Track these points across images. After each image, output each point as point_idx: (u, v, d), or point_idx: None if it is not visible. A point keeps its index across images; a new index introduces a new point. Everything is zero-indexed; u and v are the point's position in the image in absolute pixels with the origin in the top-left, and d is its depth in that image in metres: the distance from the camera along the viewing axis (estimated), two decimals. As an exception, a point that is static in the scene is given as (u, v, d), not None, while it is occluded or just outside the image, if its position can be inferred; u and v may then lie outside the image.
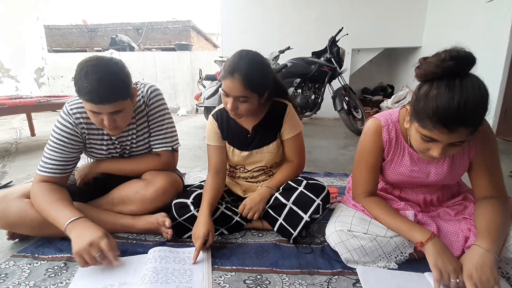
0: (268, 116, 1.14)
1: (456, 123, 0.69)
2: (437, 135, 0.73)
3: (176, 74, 6.68)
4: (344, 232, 0.91)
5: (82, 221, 0.90)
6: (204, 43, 11.38)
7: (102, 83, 0.88)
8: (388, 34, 4.62)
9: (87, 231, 0.87)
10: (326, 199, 1.04)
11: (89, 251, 0.83)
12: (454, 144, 0.74)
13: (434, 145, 0.76)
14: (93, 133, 1.09)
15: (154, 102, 1.13)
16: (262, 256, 0.98)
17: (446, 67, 0.69)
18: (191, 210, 1.05)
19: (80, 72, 0.89)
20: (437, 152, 0.75)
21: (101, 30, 9.72)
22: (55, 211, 0.92)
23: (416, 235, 0.84)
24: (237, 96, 0.98)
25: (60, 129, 1.03)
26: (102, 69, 0.90)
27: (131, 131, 1.13)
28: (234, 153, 1.18)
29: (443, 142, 0.73)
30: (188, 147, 2.81)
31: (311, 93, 3.53)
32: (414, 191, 1.03)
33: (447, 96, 0.68)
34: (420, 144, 0.80)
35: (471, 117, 0.69)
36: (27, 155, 2.49)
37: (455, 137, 0.71)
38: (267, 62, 1.05)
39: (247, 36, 4.92)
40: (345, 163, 2.20)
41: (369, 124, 0.98)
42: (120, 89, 0.93)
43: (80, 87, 0.89)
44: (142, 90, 1.13)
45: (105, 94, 0.90)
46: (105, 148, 1.14)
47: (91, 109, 0.93)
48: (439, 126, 0.70)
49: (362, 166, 0.99)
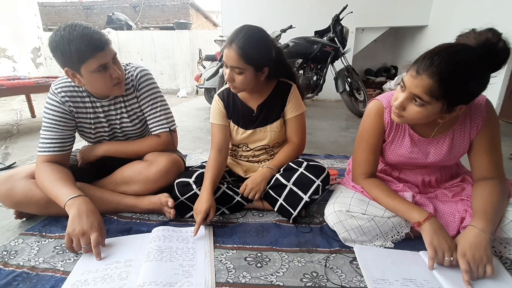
0: (272, 95, 1.15)
1: (424, 67, 0.72)
2: (407, 78, 0.77)
3: (175, 54, 6.54)
4: (343, 212, 0.93)
5: (82, 200, 0.90)
6: (204, 21, 11.04)
7: (89, 31, 0.91)
8: (394, 13, 4.45)
9: (85, 217, 0.86)
10: (326, 180, 1.05)
11: (79, 238, 0.85)
12: (415, 101, 0.77)
13: (401, 94, 0.80)
14: (81, 111, 1.10)
15: (144, 86, 1.13)
16: (263, 235, 1.01)
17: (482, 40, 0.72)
18: (193, 189, 1.07)
19: (63, 42, 0.90)
20: (398, 100, 0.79)
21: (97, 8, 9.40)
22: (57, 189, 0.94)
23: (414, 215, 0.86)
24: (233, 67, 1.00)
25: (49, 109, 1.05)
26: (78, 25, 0.92)
27: (119, 110, 1.14)
28: (238, 132, 1.19)
29: (407, 88, 0.76)
30: (188, 129, 2.81)
31: (313, 74, 3.46)
32: (413, 172, 1.04)
33: (438, 47, 0.73)
34: (395, 93, 0.84)
35: (441, 71, 0.70)
36: (29, 136, 2.50)
37: (416, 85, 0.74)
38: (269, 39, 1.05)
39: (248, 15, 4.76)
40: (345, 145, 2.20)
41: (371, 106, 0.97)
42: (103, 33, 0.97)
43: (78, 48, 0.90)
44: (132, 73, 1.13)
45: (101, 38, 0.94)
46: (93, 127, 1.14)
47: (101, 62, 0.95)
48: (412, 67, 0.75)
49: (363, 147, 0.99)
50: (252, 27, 1.02)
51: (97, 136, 1.18)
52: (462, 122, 0.88)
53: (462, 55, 0.70)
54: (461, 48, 0.72)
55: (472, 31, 0.75)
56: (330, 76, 3.42)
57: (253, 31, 1.00)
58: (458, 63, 0.70)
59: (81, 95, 1.09)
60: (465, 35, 0.77)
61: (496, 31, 0.73)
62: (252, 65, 1.00)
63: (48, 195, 0.96)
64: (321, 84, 3.45)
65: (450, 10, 3.84)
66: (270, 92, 1.15)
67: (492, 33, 0.72)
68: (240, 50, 0.96)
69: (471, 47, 0.72)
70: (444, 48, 0.72)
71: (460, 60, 0.70)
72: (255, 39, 0.99)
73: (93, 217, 0.88)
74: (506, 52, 0.72)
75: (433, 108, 0.75)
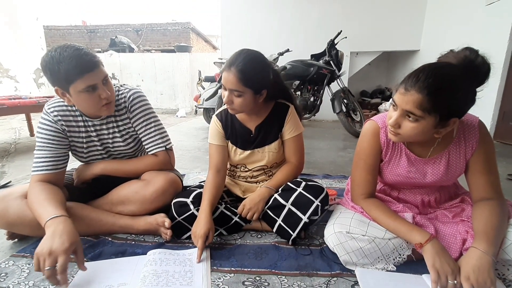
0: (270, 116, 1.17)
1: (411, 83, 0.75)
2: (397, 96, 0.79)
3: (175, 75, 6.69)
4: (343, 233, 0.92)
5: (62, 220, 0.85)
6: (204, 45, 11.40)
7: (79, 53, 0.93)
8: (387, 38, 4.65)
9: (57, 236, 0.79)
10: (325, 200, 1.04)
11: (45, 259, 0.76)
12: (408, 117, 0.79)
13: (394, 113, 0.82)
14: (73, 130, 1.11)
15: (136, 108, 1.14)
16: (261, 257, 0.98)
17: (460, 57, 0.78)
18: (191, 209, 1.06)
19: (52, 62, 0.92)
20: (393, 119, 0.81)
21: (101, 31, 9.72)
22: (41, 209, 0.90)
23: (415, 237, 0.84)
24: (232, 90, 1.02)
25: (42, 128, 1.06)
26: (69, 46, 0.94)
27: (112, 129, 1.14)
28: (236, 152, 1.19)
29: (399, 106, 0.79)
30: (187, 148, 2.81)
31: (310, 95, 3.54)
32: (412, 192, 1.04)
33: (422, 66, 0.77)
34: (388, 113, 0.86)
35: (427, 84, 0.73)
36: (26, 155, 2.48)
37: (406, 101, 0.76)
38: (267, 62, 1.07)
39: (246, 38, 4.93)
40: (343, 165, 2.21)
41: (366, 126, 0.99)
42: (96, 55, 0.99)
43: (66, 68, 0.91)
44: (125, 95, 1.14)
45: (90, 59, 0.95)
46: (85, 146, 1.14)
47: (88, 83, 0.95)
48: (400, 85, 0.78)
49: (361, 167, 1.00)
50: (251, 51, 1.04)
51: (89, 155, 1.17)
52: (457, 142, 0.90)
53: (446, 69, 0.75)
54: (444, 65, 0.76)
55: (451, 52, 0.81)
56: (326, 97, 3.49)
57: (251, 55, 1.03)
58: (443, 75, 0.74)
59: (74, 115, 1.10)
60: (444, 56, 0.82)
61: (472, 49, 0.78)
62: (251, 88, 1.02)
63: (34, 215, 0.92)
64: (318, 105, 3.51)
65: (440, 36, 4.02)
66: (268, 113, 1.17)
67: (469, 51, 0.77)
68: (239, 74, 0.98)
69: (452, 64, 0.77)
70: (428, 65, 0.77)
71: (444, 73, 0.74)
72: (254, 62, 1.02)
73: (66, 237, 0.79)
74: (486, 67, 0.76)
75: (427, 122, 0.77)
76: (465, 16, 3.46)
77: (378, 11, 4.56)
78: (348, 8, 4.63)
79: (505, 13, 2.86)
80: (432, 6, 4.27)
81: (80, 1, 14.46)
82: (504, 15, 2.87)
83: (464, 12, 3.48)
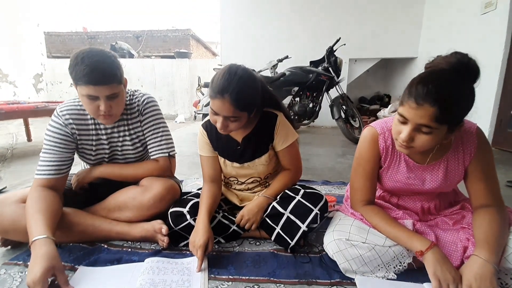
0: (258, 127, 1.11)
1: (423, 97, 0.72)
2: (407, 111, 0.76)
3: (175, 81, 6.71)
4: (343, 241, 0.90)
5: (44, 243, 0.82)
6: (203, 51, 11.49)
7: (98, 65, 0.94)
8: (385, 45, 4.70)
9: (36, 263, 0.77)
10: (324, 208, 1.03)
11: None
12: (421, 131, 0.76)
13: (404, 127, 0.79)
14: (83, 133, 1.11)
15: (148, 112, 1.16)
16: (260, 265, 0.97)
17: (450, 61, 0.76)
18: (188, 219, 1.04)
19: (76, 59, 0.94)
20: (404, 134, 0.78)
21: (101, 37, 9.78)
22: (32, 222, 0.88)
23: (415, 244, 0.83)
24: (228, 116, 0.96)
25: (51, 131, 1.05)
26: (97, 54, 0.96)
27: (122, 132, 1.15)
28: (226, 164, 1.17)
29: (411, 120, 0.76)
30: (185, 154, 2.80)
31: (309, 101, 3.55)
32: (412, 199, 1.03)
33: (424, 75, 0.76)
34: (395, 127, 0.83)
35: (440, 97, 0.71)
36: (23, 161, 2.46)
37: (420, 116, 0.74)
38: (256, 78, 1.01)
39: (246, 45, 4.98)
40: (342, 172, 2.20)
41: (365, 133, 0.98)
42: (115, 72, 0.99)
43: (78, 71, 0.93)
44: (138, 99, 1.16)
45: (103, 75, 0.95)
46: (94, 149, 1.14)
47: (89, 93, 0.96)
48: (409, 99, 0.75)
49: (360, 174, 0.99)
50: (239, 71, 0.95)
51: (97, 158, 1.16)
52: (455, 149, 0.89)
53: (452, 77, 0.74)
54: (448, 72, 0.75)
55: (438, 57, 0.80)
56: (325, 104, 3.51)
57: (243, 78, 0.94)
58: (453, 84, 0.73)
59: (85, 118, 1.10)
60: (434, 62, 0.81)
61: (462, 53, 0.77)
62: (247, 110, 0.98)
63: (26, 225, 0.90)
64: (317, 111, 3.53)
65: (437, 44, 4.07)
66: (254, 124, 1.11)
67: (460, 55, 0.77)
68: (234, 102, 0.92)
69: (453, 71, 0.75)
70: (434, 75, 0.75)
71: (453, 82, 0.73)
72: (246, 86, 0.94)
73: (42, 264, 0.76)
74: (477, 69, 0.76)
75: (440, 132, 0.76)
76: (461, 24, 3.51)
77: (376, 18, 4.63)
78: (347, 15, 4.69)
79: (500, 22, 2.91)
80: (430, 14, 4.34)
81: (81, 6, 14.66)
82: (499, 23, 2.92)
83: (461, 21, 3.53)
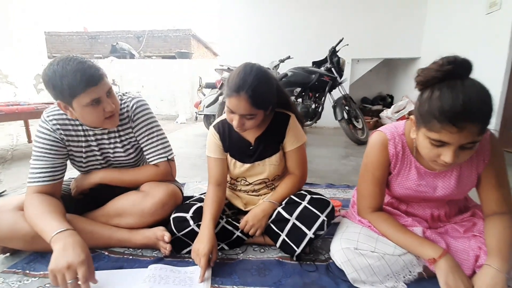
0: (270, 127, 1.12)
1: (464, 119, 0.67)
2: (446, 136, 0.70)
3: (176, 82, 6.68)
4: (351, 250, 0.87)
5: (69, 234, 0.83)
6: (204, 51, 11.46)
7: (84, 65, 0.91)
8: (387, 45, 4.66)
9: (70, 249, 0.79)
10: (331, 215, 1.00)
11: (64, 273, 0.76)
12: (465, 147, 0.72)
13: (444, 149, 0.73)
14: (72, 139, 1.07)
15: (139, 117, 1.11)
16: (265, 274, 0.94)
17: (445, 70, 0.70)
18: (191, 225, 1.01)
19: (55, 74, 0.89)
20: (449, 156, 0.72)
21: (102, 38, 9.77)
22: (44, 222, 0.87)
23: (427, 252, 0.81)
24: (245, 115, 0.97)
25: (40, 137, 1.02)
26: (72, 59, 0.91)
27: (113, 139, 1.11)
28: (235, 166, 1.15)
29: (453, 143, 0.71)
30: (187, 155, 2.78)
31: (312, 102, 3.52)
32: (421, 206, 1.00)
33: (451, 94, 0.69)
34: (429, 151, 0.76)
35: (478, 112, 0.68)
36: (23, 162, 2.44)
37: (464, 137, 0.69)
38: (271, 76, 1.03)
39: (246, 45, 4.94)
40: (346, 174, 2.16)
41: (374, 138, 0.95)
42: (98, 67, 0.96)
43: (70, 82, 0.89)
44: (128, 104, 1.11)
45: (95, 73, 0.93)
46: (84, 155, 1.11)
47: (92, 97, 0.93)
48: (447, 126, 0.69)
49: (368, 180, 0.96)
50: (255, 69, 0.96)
51: (88, 165, 1.13)
52: None
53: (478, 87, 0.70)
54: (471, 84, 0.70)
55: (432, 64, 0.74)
56: (328, 104, 3.48)
57: (259, 76, 0.95)
58: (483, 95, 0.69)
59: (73, 123, 1.06)
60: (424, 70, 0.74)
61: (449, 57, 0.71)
62: (263, 108, 0.99)
63: (35, 229, 0.89)
64: (320, 112, 3.49)
65: (440, 43, 4.03)
66: (267, 124, 1.11)
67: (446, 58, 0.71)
68: (251, 99, 0.93)
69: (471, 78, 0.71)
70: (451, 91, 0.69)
71: (484, 93, 0.69)
72: (262, 83, 0.96)
73: (80, 249, 0.79)
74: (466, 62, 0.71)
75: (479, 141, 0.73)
76: (465, 24, 3.47)
77: (379, 18, 4.58)
78: (349, 15, 4.65)
79: (505, 22, 2.86)
80: (432, 14, 4.30)
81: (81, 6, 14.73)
82: (504, 23, 2.87)
83: (464, 20, 3.49)
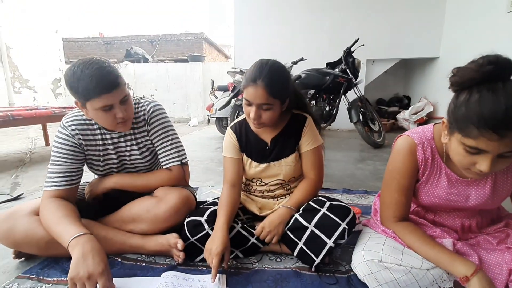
0: (287, 128, 1.11)
1: (506, 126, 0.61)
2: (485, 144, 0.64)
3: (188, 85, 6.76)
4: (375, 262, 0.82)
5: (87, 239, 0.82)
6: (216, 54, 11.55)
7: (101, 71, 0.91)
8: (405, 45, 4.51)
9: (90, 258, 0.78)
10: (351, 223, 0.94)
11: (84, 283, 0.75)
12: (503, 156, 0.65)
13: (481, 157, 0.67)
14: (90, 143, 1.08)
15: (155, 120, 1.12)
16: (282, 286, 0.89)
17: (486, 71, 0.64)
18: (205, 229, 0.98)
19: (74, 74, 0.90)
20: (486, 165, 0.66)
21: (117, 43, 10.01)
22: (61, 227, 0.87)
23: (459, 268, 0.74)
24: (261, 104, 0.97)
25: (59, 142, 1.03)
26: (93, 62, 0.91)
27: (129, 142, 1.12)
28: (251, 165, 1.13)
29: (491, 152, 0.65)
30: (199, 159, 2.76)
31: (326, 104, 3.44)
32: (450, 215, 0.93)
33: (492, 98, 0.62)
34: (464, 158, 0.70)
35: None
36: (41, 165, 2.50)
37: (504, 145, 0.63)
38: (287, 70, 1.04)
39: (260, 48, 4.91)
40: (363, 179, 2.09)
41: (401, 143, 0.89)
42: (118, 74, 0.96)
43: (85, 85, 0.89)
44: (144, 107, 1.12)
45: (111, 80, 0.92)
46: (101, 159, 1.11)
47: (105, 104, 0.93)
48: (486, 132, 0.62)
49: (393, 188, 0.90)
50: (271, 61, 1.00)
51: (105, 168, 1.14)
52: None
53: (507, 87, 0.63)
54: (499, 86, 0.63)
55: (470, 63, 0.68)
56: (342, 106, 3.39)
57: (275, 65, 0.99)
58: None
59: (92, 128, 1.07)
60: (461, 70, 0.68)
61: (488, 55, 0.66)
62: (279, 98, 0.99)
63: (51, 234, 0.89)
64: (334, 114, 3.41)
65: (461, 43, 3.86)
66: (284, 125, 1.11)
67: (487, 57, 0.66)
68: (267, 87, 0.94)
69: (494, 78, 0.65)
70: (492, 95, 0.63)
71: None
72: (278, 72, 0.98)
73: (99, 258, 0.79)
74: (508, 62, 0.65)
75: None
76: (486, 23, 3.32)
77: (395, 17, 4.45)
78: (364, 15, 4.54)
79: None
80: (452, 12, 4.13)
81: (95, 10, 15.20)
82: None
83: (485, 19, 3.33)
